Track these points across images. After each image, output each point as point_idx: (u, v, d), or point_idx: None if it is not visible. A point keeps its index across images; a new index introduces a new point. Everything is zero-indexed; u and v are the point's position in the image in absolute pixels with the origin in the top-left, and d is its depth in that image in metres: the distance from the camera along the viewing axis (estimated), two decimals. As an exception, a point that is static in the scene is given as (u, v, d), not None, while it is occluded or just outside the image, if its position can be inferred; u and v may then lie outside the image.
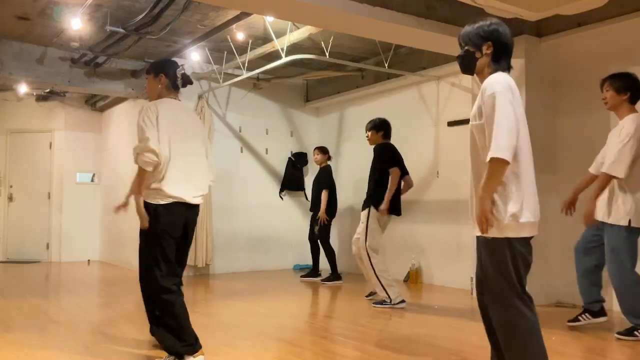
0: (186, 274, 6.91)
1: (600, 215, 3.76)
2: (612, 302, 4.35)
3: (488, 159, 2.20)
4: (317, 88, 8.09)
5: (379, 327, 4.17)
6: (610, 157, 3.67)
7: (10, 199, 9.07)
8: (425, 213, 6.43)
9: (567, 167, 5.05)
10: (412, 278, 6.39)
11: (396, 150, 5.16)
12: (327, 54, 5.76)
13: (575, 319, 3.99)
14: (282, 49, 5.73)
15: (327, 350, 3.42)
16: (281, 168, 7.92)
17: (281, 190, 7.89)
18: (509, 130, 2.23)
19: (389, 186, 4.93)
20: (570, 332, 3.91)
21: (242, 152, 7.72)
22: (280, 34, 5.74)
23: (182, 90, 3.32)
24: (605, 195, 3.74)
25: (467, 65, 2.44)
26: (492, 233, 2.30)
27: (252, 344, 3.56)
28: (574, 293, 4.81)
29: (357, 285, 6.16)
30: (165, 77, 3.18)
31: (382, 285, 4.86)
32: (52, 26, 5.83)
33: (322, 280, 6.57)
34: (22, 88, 7.65)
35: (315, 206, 6.75)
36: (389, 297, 4.84)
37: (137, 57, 7.04)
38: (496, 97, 2.22)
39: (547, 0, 3.97)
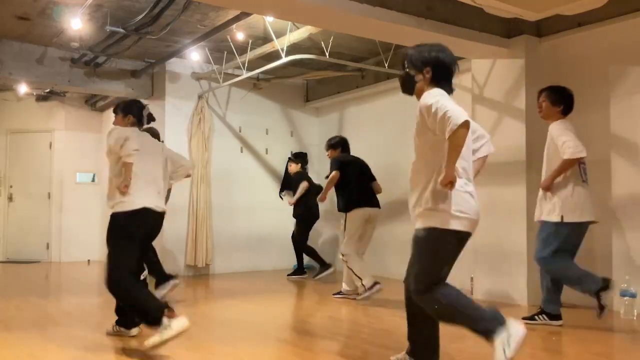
0: (186, 274, 6.96)
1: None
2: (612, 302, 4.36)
3: (447, 136, 2.37)
4: (317, 88, 8.09)
5: (378, 326, 4.17)
6: (568, 145, 3.82)
7: (10, 199, 9.07)
8: (425, 213, 6.43)
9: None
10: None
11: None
12: (327, 54, 5.76)
13: (531, 318, 4.12)
14: (282, 49, 5.72)
15: (327, 350, 3.42)
16: (281, 168, 7.91)
17: (281, 190, 7.88)
18: (453, 109, 2.37)
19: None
20: (570, 332, 3.91)
21: (242, 152, 7.72)
22: (280, 34, 5.74)
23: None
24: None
25: (407, 86, 2.68)
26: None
27: (252, 344, 3.56)
28: (575, 292, 4.82)
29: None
30: (133, 117, 3.83)
31: (360, 279, 5.15)
32: (52, 26, 5.83)
33: (314, 276, 6.65)
34: (22, 88, 7.65)
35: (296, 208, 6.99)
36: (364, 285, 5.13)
37: (137, 57, 7.04)
38: (430, 100, 2.45)
39: (547, 0, 3.97)
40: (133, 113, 3.83)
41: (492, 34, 5.05)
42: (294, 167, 7.13)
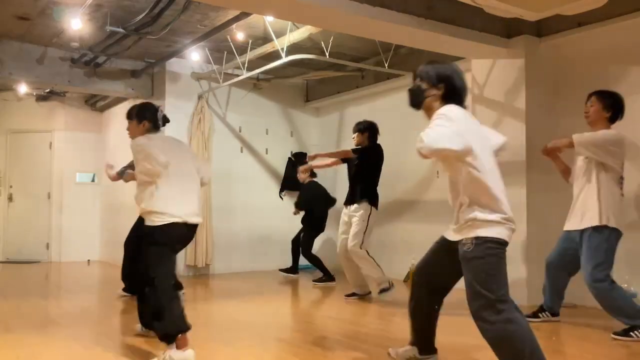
0: (186, 274, 6.96)
1: (577, 223, 3.86)
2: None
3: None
4: (317, 88, 8.09)
5: (379, 327, 4.17)
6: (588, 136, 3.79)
7: (10, 199, 9.07)
8: (425, 213, 6.43)
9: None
10: (413, 278, 6.38)
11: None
12: (327, 54, 5.76)
13: (535, 315, 4.14)
14: (282, 49, 5.72)
15: (327, 350, 3.42)
16: (281, 168, 7.92)
17: (281, 190, 7.89)
18: (440, 133, 2.35)
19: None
20: (570, 332, 3.91)
21: (242, 152, 7.72)
22: (280, 34, 5.74)
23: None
24: (576, 202, 3.90)
25: (416, 98, 2.65)
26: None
27: (252, 344, 3.56)
28: (574, 293, 4.81)
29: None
30: (148, 123, 3.52)
31: (381, 269, 5.10)
32: (52, 26, 5.83)
33: (315, 280, 6.55)
34: (22, 88, 7.65)
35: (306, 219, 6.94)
36: (386, 280, 5.08)
37: (137, 57, 7.04)
38: (440, 114, 2.41)
39: (547, 0, 3.97)
40: (148, 118, 3.55)
41: (492, 34, 5.05)
42: (305, 177, 6.91)
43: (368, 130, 5.38)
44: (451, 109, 2.44)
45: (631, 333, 3.65)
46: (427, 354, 2.93)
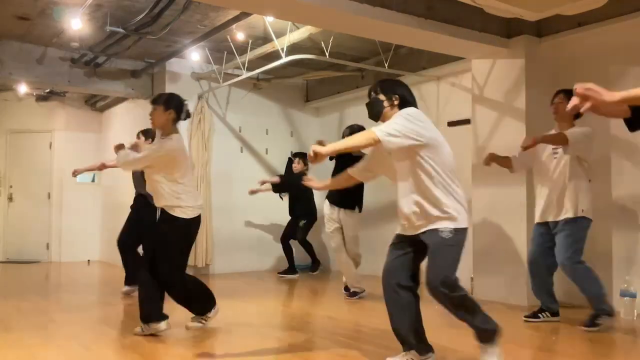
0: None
1: (555, 214, 4.06)
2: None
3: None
4: (317, 88, 8.09)
5: (379, 326, 4.17)
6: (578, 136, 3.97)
7: (10, 199, 9.06)
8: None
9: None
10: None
11: None
12: (327, 54, 5.76)
13: (534, 316, 4.18)
14: (282, 49, 5.72)
15: (327, 350, 3.42)
16: (281, 168, 7.91)
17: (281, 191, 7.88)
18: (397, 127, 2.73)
19: None
20: (570, 332, 3.91)
21: (242, 152, 7.71)
22: (280, 34, 5.74)
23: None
24: (553, 195, 4.07)
25: (375, 109, 2.93)
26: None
27: (252, 344, 3.56)
28: (574, 293, 4.81)
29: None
30: (174, 112, 3.65)
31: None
32: (52, 26, 5.83)
33: (311, 270, 6.94)
34: (22, 88, 7.64)
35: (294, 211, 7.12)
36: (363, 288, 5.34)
37: (137, 57, 7.04)
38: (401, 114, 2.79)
39: (547, 0, 3.97)
40: (174, 107, 3.67)
41: (492, 34, 5.05)
42: (300, 167, 7.01)
43: None
44: (407, 111, 2.79)
45: (596, 321, 3.84)
46: (426, 353, 2.93)
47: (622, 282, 4.35)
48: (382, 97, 2.91)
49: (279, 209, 7.77)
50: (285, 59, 5.79)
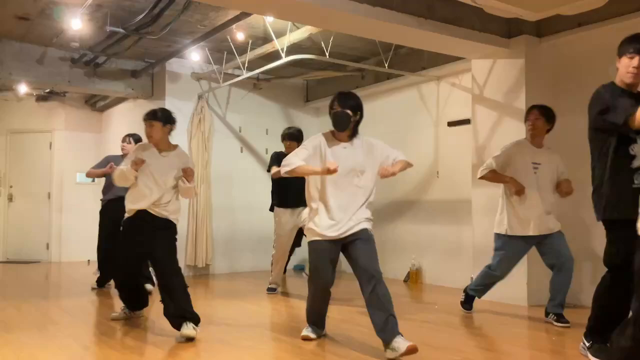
0: (186, 274, 6.91)
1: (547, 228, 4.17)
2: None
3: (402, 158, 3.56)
4: (317, 88, 8.09)
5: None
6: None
7: (10, 199, 9.07)
8: (425, 213, 6.43)
9: (566, 167, 5.04)
10: (412, 278, 6.39)
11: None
12: (327, 54, 5.76)
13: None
14: (282, 49, 5.72)
15: (327, 350, 3.42)
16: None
17: (281, 191, 7.88)
18: None
19: None
20: (570, 333, 3.91)
21: (242, 152, 7.71)
22: (280, 34, 5.74)
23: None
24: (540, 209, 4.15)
25: (347, 122, 3.42)
26: None
27: (252, 344, 3.56)
28: (575, 293, 4.81)
29: (355, 286, 6.14)
30: (171, 127, 4.00)
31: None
32: (52, 26, 5.83)
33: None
34: (22, 88, 7.64)
35: None
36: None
37: (137, 57, 7.04)
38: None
39: (547, 0, 3.97)
40: (171, 122, 4.03)
41: (492, 34, 5.05)
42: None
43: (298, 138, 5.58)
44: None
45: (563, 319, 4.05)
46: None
47: (622, 282, 4.35)
48: (349, 112, 3.40)
49: (279, 209, 7.77)
50: (285, 59, 5.79)
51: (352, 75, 7.13)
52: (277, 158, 5.24)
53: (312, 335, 3.61)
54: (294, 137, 5.48)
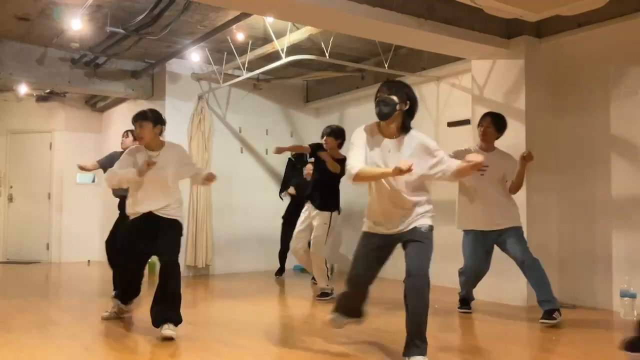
0: (186, 274, 6.95)
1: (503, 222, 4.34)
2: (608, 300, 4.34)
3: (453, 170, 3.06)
4: (317, 88, 8.09)
5: (378, 327, 4.17)
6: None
7: (10, 199, 9.06)
8: (425, 213, 6.42)
9: (566, 167, 5.05)
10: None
11: None
12: (327, 55, 5.76)
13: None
14: (282, 50, 5.73)
15: (327, 351, 3.41)
16: (281, 168, 7.91)
17: (281, 191, 7.87)
18: None
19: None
20: (570, 333, 3.91)
21: (242, 152, 7.71)
22: (280, 35, 5.74)
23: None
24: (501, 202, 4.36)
25: (389, 110, 3.00)
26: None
27: (252, 344, 3.56)
28: (575, 293, 4.82)
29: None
30: (161, 126, 4.01)
31: (328, 278, 5.33)
32: (52, 27, 5.84)
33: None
34: (22, 88, 7.64)
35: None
36: (332, 287, 5.27)
37: (137, 58, 7.05)
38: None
39: (547, 0, 3.97)
40: (161, 122, 4.06)
41: (492, 35, 5.06)
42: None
43: (342, 136, 5.53)
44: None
45: (554, 315, 4.06)
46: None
47: (622, 282, 4.36)
48: (395, 98, 3.00)
49: (279, 210, 7.78)
50: (285, 60, 5.79)
51: (352, 75, 7.13)
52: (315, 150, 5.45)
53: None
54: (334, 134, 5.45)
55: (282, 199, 7.86)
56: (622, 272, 4.47)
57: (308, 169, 6.66)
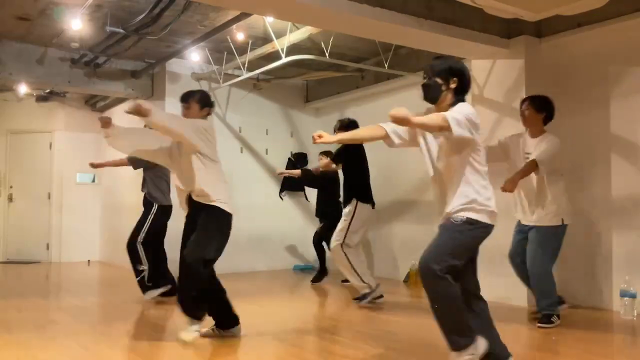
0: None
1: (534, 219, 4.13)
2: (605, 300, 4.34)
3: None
4: (317, 88, 8.09)
5: (378, 327, 4.17)
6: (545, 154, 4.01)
7: (10, 199, 9.07)
8: (425, 213, 6.43)
9: (566, 166, 5.04)
10: (413, 278, 6.39)
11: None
12: (327, 55, 5.76)
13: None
14: (282, 50, 5.73)
15: (327, 351, 3.42)
16: (281, 168, 7.92)
17: (281, 191, 7.89)
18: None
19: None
20: (570, 333, 3.91)
21: (242, 152, 7.72)
22: (280, 35, 5.74)
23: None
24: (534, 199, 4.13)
25: (433, 94, 2.76)
26: None
27: (252, 344, 3.56)
28: (575, 293, 4.82)
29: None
30: (209, 110, 3.77)
31: (359, 276, 4.85)
32: (52, 26, 5.83)
33: (313, 280, 6.48)
34: (22, 88, 7.64)
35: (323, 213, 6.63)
36: (369, 285, 4.85)
37: (137, 58, 7.04)
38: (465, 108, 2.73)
39: (547, 0, 3.97)
40: (210, 106, 3.83)
41: (492, 35, 5.05)
42: (326, 162, 6.46)
43: (353, 127, 5.08)
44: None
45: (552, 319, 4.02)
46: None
47: (622, 282, 4.36)
48: (438, 80, 2.74)
49: (279, 209, 7.79)
50: (285, 60, 5.79)
51: (352, 75, 7.13)
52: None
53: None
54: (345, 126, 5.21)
55: (282, 198, 7.87)
56: (622, 272, 4.47)
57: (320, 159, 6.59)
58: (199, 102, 3.68)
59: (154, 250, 5.14)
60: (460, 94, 2.78)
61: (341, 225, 4.94)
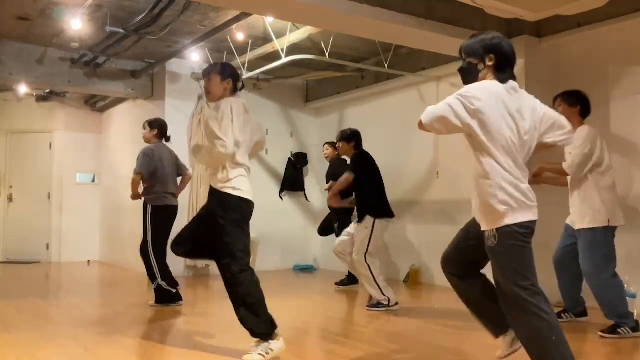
0: (186, 274, 6.95)
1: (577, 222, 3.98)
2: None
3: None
4: (317, 88, 8.09)
5: (378, 327, 4.17)
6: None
7: (10, 199, 9.07)
8: (425, 213, 6.43)
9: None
10: (412, 278, 6.39)
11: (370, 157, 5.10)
12: (327, 55, 5.76)
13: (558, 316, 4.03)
14: (282, 50, 5.73)
15: (327, 351, 3.42)
16: (281, 168, 7.92)
17: (281, 191, 7.89)
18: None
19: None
20: (569, 333, 3.90)
21: (242, 152, 7.71)
22: (280, 35, 5.74)
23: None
24: (576, 201, 3.97)
25: (470, 76, 2.51)
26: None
27: (252, 344, 3.56)
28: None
29: (358, 287, 6.15)
30: (232, 82, 3.33)
31: (379, 288, 4.75)
32: (52, 26, 5.84)
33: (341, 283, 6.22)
34: (22, 88, 7.65)
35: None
36: (387, 298, 4.75)
37: (137, 58, 7.05)
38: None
39: (547, 0, 3.97)
40: (231, 76, 3.34)
41: (492, 35, 5.05)
42: (331, 152, 6.52)
43: (354, 138, 5.13)
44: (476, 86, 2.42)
45: (618, 330, 3.79)
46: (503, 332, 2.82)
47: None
48: (473, 60, 2.50)
49: (279, 209, 7.79)
50: (285, 60, 5.79)
51: (352, 75, 7.13)
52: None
53: None
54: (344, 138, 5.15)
55: (282, 198, 7.87)
56: (622, 272, 4.46)
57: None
58: (220, 73, 3.30)
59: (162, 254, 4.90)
60: (502, 71, 2.45)
61: (361, 237, 4.78)
